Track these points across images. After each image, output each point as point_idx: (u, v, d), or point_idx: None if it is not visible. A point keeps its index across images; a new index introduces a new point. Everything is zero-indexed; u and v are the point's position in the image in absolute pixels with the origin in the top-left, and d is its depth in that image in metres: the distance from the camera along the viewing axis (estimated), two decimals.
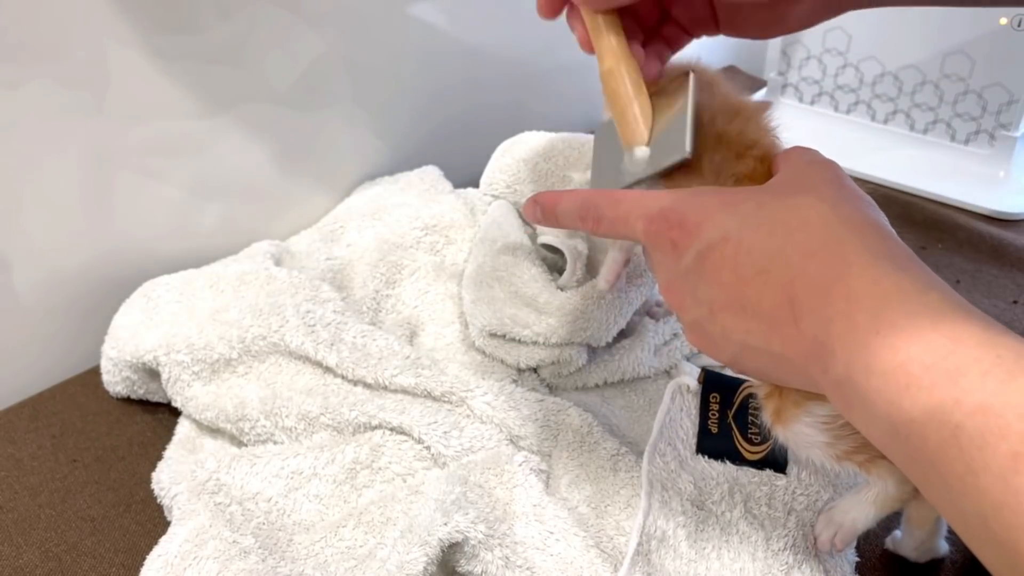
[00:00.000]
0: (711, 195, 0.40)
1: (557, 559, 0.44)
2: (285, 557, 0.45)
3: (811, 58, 0.91)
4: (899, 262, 0.34)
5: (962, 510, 0.29)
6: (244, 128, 0.65)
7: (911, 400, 0.30)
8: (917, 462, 0.30)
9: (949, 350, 0.30)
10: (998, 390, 0.28)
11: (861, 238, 0.34)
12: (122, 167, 0.59)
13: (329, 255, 0.64)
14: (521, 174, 0.65)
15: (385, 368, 0.52)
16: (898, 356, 0.30)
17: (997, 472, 0.27)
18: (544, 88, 0.87)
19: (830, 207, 0.36)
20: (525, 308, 0.55)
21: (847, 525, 0.44)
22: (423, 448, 0.49)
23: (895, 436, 0.31)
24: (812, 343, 0.34)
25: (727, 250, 0.37)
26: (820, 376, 0.34)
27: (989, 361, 0.29)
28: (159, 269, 0.61)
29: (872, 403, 0.31)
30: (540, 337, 0.54)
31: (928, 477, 0.30)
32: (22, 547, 0.48)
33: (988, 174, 0.83)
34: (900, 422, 0.30)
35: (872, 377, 0.31)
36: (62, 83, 0.54)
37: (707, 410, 0.52)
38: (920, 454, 0.30)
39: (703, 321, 0.39)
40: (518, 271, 0.57)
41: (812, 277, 0.34)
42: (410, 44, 0.74)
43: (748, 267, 0.36)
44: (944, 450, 0.28)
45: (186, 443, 0.54)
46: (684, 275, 0.39)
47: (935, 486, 0.30)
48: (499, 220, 0.63)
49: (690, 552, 0.45)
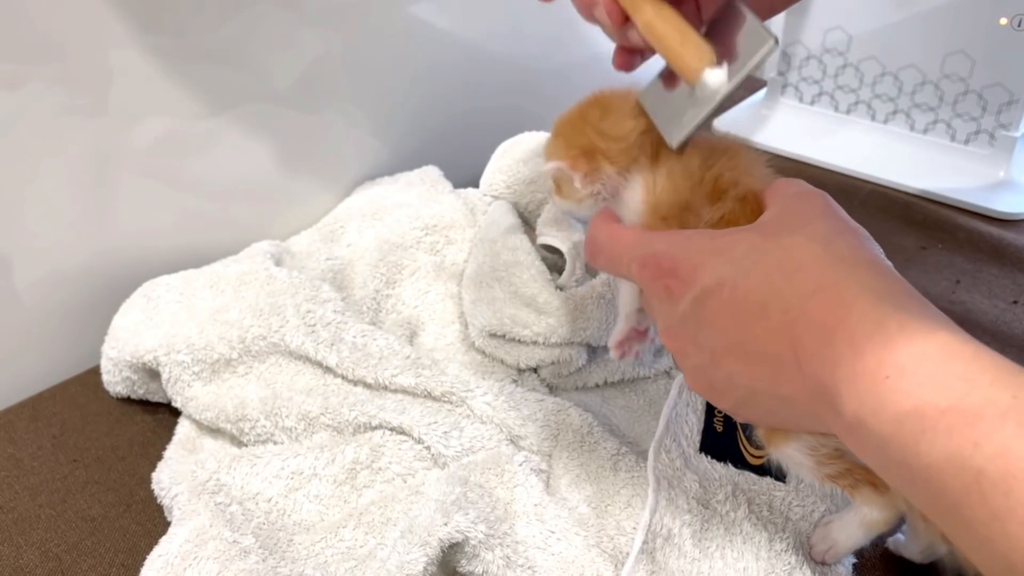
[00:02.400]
0: (703, 239, 0.39)
1: (558, 558, 0.44)
2: (285, 557, 0.45)
3: (811, 58, 0.91)
4: (899, 300, 0.33)
5: (989, 555, 0.28)
6: (244, 128, 0.65)
7: (928, 445, 0.29)
8: (938, 506, 0.30)
9: (964, 392, 0.29)
10: (1017, 432, 0.27)
11: (858, 277, 0.34)
12: (122, 167, 0.59)
13: (329, 255, 0.64)
14: (520, 175, 0.66)
15: (385, 368, 0.52)
16: (910, 400, 0.30)
17: (1023, 518, 0.26)
18: (544, 89, 0.87)
19: (822, 246, 0.36)
20: (525, 308, 0.55)
21: (840, 543, 0.44)
22: (423, 448, 0.49)
23: (913, 481, 0.30)
24: (818, 386, 0.33)
25: (724, 296, 0.37)
26: (831, 419, 0.34)
27: (1005, 403, 0.28)
28: (159, 269, 0.61)
29: (887, 448, 0.30)
30: (540, 337, 0.54)
31: (951, 521, 0.29)
32: (22, 547, 0.48)
33: (988, 174, 0.83)
34: (918, 467, 0.29)
35: (885, 423, 0.30)
36: (62, 83, 0.54)
37: (713, 408, 0.52)
38: (941, 499, 0.29)
39: (706, 367, 0.39)
40: (517, 271, 0.57)
41: (813, 320, 0.34)
42: (410, 44, 0.74)
43: (747, 312, 0.36)
44: (967, 496, 0.28)
45: (186, 443, 0.54)
46: (682, 321, 0.39)
47: (959, 530, 0.29)
48: (499, 220, 0.63)
49: (694, 551, 0.45)
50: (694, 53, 0.41)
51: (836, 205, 0.39)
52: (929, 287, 0.69)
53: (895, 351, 0.31)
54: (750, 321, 0.36)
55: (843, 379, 0.32)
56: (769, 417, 0.39)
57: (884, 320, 0.32)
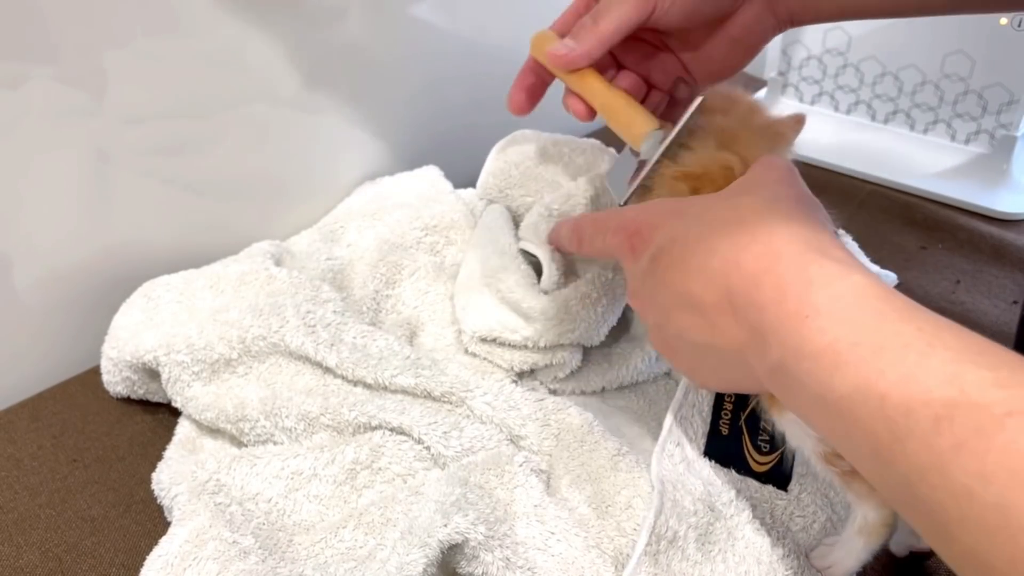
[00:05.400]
0: (666, 203, 0.43)
1: (558, 559, 0.44)
2: (285, 558, 0.45)
3: (811, 58, 0.91)
4: (827, 251, 0.35)
5: (892, 479, 0.30)
6: (244, 128, 0.65)
7: (840, 378, 0.31)
8: (850, 438, 0.31)
9: (873, 327, 0.31)
10: (919, 361, 0.29)
11: (791, 231, 0.36)
12: (122, 167, 0.59)
13: (329, 255, 0.64)
14: (513, 178, 0.65)
15: (385, 368, 0.52)
16: (825, 337, 0.32)
17: (921, 436, 0.28)
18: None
19: (766, 204, 0.38)
20: (512, 313, 0.55)
21: (841, 560, 0.44)
22: (423, 448, 0.49)
23: (828, 415, 0.32)
24: (749, 334, 0.36)
25: (675, 252, 0.39)
26: (759, 365, 0.35)
27: (910, 334, 0.30)
28: (159, 269, 0.61)
29: (805, 386, 0.32)
30: (529, 341, 0.54)
31: (861, 451, 0.31)
32: (22, 547, 0.48)
33: (988, 174, 0.83)
34: (832, 400, 0.31)
35: (803, 360, 0.32)
36: (62, 83, 0.54)
37: (720, 409, 0.51)
38: (852, 429, 0.31)
39: (662, 326, 0.41)
40: (504, 276, 0.57)
41: (745, 269, 0.36)
42: (411, 44, 0.74)
43: (691, 266, 0.38)
44: (872, 421, 0.30)
45: (186, 443, 0.54)
46: (643, 280, 0.41)
47: (867, 459, 0.31)
48: (491, 225, 0.63)
49: (696, 554, 0.45)
50: (639, 122, 0.48)
51: (797, 174, 0.42)
52: (929, 287, 0.69)
53: (814, 293, 0.33)
54: (693, 274, 0.38)
55: (769, 323, 0.34)
56: (716, 376, 0.41)
57: (807, 266, 0.34)
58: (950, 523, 0.27)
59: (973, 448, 0.27)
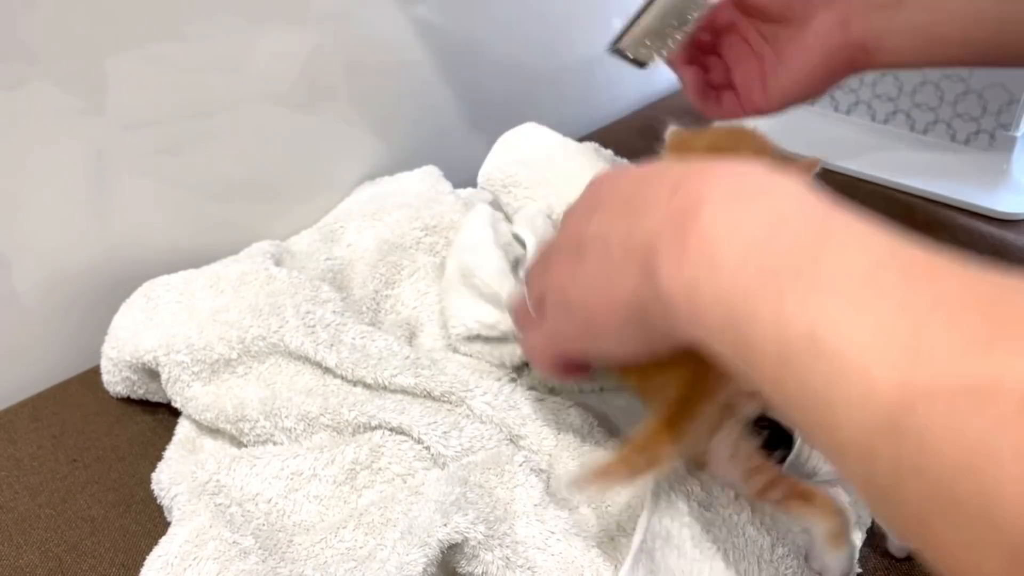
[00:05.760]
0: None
1: (558, 559, 0.44)
2: (285, 558, 0.45)
3: None
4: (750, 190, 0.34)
5: (799, 393, 0.28)
6: (244, 128, 0.65)
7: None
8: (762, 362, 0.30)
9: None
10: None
11: (714, 178, 0.35)
12: (122, 167, 0.59)
13: (329, 255, 0.64)
14: (518, 177, 0.65)
15: (385, 368, 0.52)
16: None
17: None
18: (545, 88, 0.87)
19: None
20: (487, 305, 0.55)
21: (827, 566, 0.44)
22: (423, 448, 0.49)
23: (746, 346, 0.30)
24: (644, 249, 0.34)
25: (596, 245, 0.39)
26: (648, 290, 0.34)
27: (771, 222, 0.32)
28: (159, 269, 0.61)
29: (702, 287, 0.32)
30: (509, 334, 0.54)
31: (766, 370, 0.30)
32: (22, 547, 0.48)
33: (988, 174, 0.83)
34: (753, 331, 0.30)
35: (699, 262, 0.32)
36: (62, 84, 0.54)
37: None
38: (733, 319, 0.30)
39: (570, 267, 0.40)
40: (478, 272, 0.56)
41: (651, 194, 0.35)
42: (411, 44, 0.74)
43: (616, 202, 0.38)
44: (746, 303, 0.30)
45: (186, 444, 0.54)
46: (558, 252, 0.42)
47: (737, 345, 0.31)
48: (469, 226, 0.62)
49: (694, 552, 0.45)
50: None
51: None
52: None
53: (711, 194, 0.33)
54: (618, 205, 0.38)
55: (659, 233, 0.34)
56: (624, 332, 0.38)
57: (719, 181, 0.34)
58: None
59: None
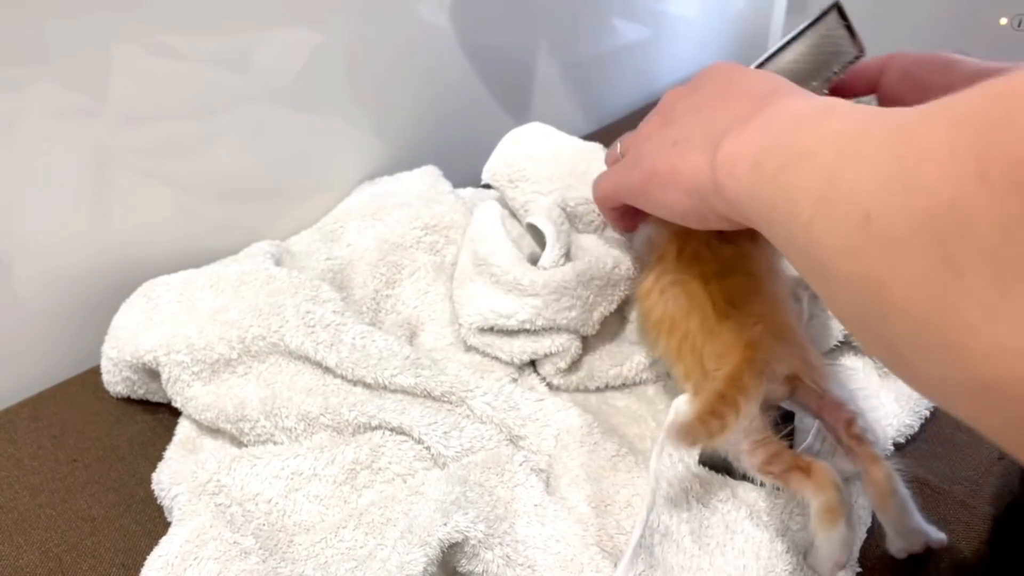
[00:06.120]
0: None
1: (558, 557, 0.44)
2: (285, 558, 0.45)
3: None
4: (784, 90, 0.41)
5: (806, 242, 0.32)
6: (244, 128, 0.65)
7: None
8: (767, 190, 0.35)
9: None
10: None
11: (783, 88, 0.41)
12: (122, 167, 0.59)
13: (329, 255, 0.64)
14: (526, 172, 0.65)
15: (385, 368, 0.52)
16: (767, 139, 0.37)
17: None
18: (545, 88, 0.87)
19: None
20: (506, 296, 0.55)
21: (821, 554, 0.44)
22: (423, 448, 0.49)
23: (772, 208, 0.35)
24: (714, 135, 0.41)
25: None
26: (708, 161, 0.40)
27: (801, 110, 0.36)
28: (159, 269, 0.61)
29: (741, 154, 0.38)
30: (527, 324, 0.54)
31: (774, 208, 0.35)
32: (22, 547, 0.48)
33: None
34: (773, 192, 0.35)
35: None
36: (62, 83, 0.54)
37: None
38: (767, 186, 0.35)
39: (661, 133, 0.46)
40: (495, 260, 0.56)
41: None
42: (411, 44, 0.74)
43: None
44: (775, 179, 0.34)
45: (186, 443, 0.54)
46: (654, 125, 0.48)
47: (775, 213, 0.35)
48: (480, 220, 0.62)
49: (693, 547, 0.45)
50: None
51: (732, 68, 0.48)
52: None
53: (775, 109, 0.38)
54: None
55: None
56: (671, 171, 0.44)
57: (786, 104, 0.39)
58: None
59: None
